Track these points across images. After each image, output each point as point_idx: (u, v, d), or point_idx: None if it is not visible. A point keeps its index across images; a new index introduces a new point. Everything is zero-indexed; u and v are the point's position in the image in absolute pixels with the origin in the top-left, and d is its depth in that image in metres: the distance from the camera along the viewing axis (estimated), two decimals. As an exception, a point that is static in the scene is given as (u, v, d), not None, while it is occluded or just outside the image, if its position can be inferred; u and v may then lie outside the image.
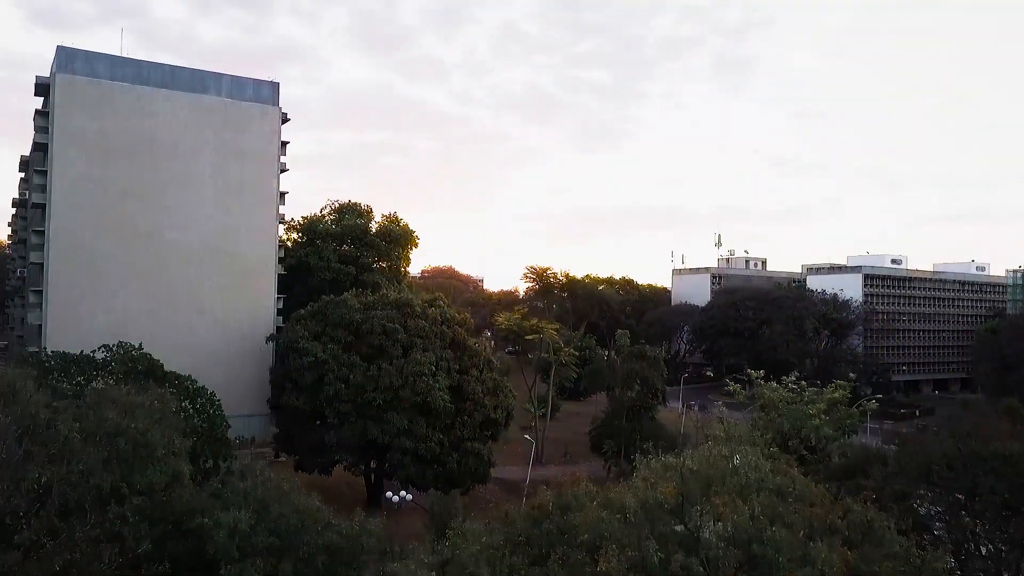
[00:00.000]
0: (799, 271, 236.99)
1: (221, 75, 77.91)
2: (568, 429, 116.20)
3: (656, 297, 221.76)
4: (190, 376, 57.69)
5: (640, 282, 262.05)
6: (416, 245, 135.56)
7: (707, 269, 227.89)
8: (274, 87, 79.90)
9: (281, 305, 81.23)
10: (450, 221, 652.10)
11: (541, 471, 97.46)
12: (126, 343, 58.16)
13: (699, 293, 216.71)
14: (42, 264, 68.77)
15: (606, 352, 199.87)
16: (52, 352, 57.00)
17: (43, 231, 68.88)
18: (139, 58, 76.41)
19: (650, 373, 75.95)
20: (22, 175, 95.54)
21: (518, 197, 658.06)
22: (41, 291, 68.53)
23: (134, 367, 56.32)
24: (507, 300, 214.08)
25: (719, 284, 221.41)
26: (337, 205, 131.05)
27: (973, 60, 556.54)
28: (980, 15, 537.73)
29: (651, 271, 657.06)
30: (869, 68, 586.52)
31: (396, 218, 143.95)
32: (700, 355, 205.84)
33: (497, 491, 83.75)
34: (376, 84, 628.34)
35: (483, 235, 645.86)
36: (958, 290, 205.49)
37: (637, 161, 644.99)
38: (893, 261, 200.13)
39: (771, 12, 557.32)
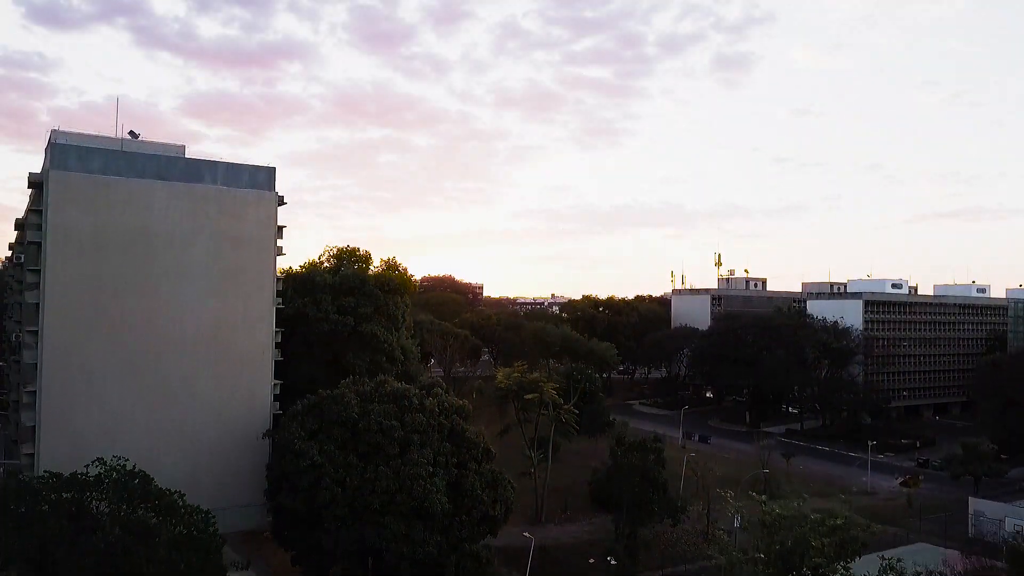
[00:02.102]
0: (799, 290, 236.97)
1: (216, 163, 77.10)
2: (568, 474, 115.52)
3: (656, 318, 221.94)
4: (183, 495, 57.05)
5: (640, 294, 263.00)
6: (415, 289, 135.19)
7: (707, 290, 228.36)
8: (270, 172, 79.07)
9: (278, 391, 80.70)
10: (450, 220, 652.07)
11: (542, 533, 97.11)
12: (120, 460, 57.67)
13: (699, 314, 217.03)
14: (36, 364, 68.22)
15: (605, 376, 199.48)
16: (45, 473, 56.36)
17: (36, 331, 68.31)
18: (135, 151, 75.53)
19: (651, 466, 75.08)
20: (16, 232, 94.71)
21: (518, 195, 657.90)
22: (35, 392, 68.03)
23: (127, 487, 55.98)
24: (507, 321, 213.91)
25: (719, 305, 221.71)
26: (336, 251, 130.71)
27: (973, 57, 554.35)
28: (980, 12, 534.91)
29: (651, 270, 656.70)
30: (869, 65, 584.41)
31: (395, 263, 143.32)
32: (700, 376, 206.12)
33: (497, 564, 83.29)
34: (376, 81, 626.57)
35: (483, 233, 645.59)
36: (958, 313, 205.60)
37: (637, 158, 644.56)
38: (894, 286, 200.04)
39: (772, 8, 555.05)
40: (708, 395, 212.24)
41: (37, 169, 75.31)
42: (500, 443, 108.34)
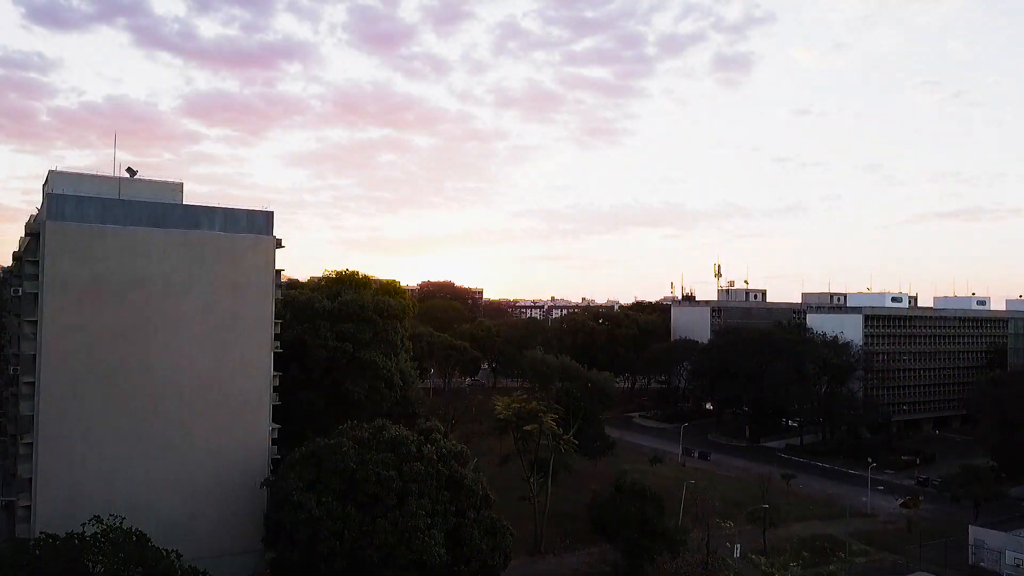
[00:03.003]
0: (798, 300, 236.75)
1: (214, 209, 76.75)
2: (568, 497, 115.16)
3: (655, 329, 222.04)
4: (179, 555, 56.92)
5: (640, 299, 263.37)
6: (413, 313, 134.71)
7: (707, 302, 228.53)
8: (268, 216, 78.64)
9: (276, 435, 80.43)
10: (450, 220, 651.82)
11: (542, 565, 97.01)
12: (116, 518, 57.66)
13: (699, 326, 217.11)
14: (32, 415, 67.96)
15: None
16: (42, 535, 56.22)
17: (33, 382, 68.02)
18: (132, 189, 75.28)
19: (651, 515, 74.88)
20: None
21: (518, 195, 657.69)
22: (32, 443, 67.81)
23: (123, 549, 55.85)
24: (508, 334, 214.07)
25: (719, 317, 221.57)
26: (334, 275, 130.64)
27: (973, 57, 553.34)
28: (980, 12, 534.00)
29: (650, 271, 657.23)
30: (869, 65, 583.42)
31: (395, 285, 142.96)
32: (700, 389, 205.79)
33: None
34: (375, 81, 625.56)
35: (483, 233, 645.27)
36: (958, 327, 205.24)
37: (637, 158, 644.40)
38: (893, 299, 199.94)
39: (772, 8, 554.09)
40: (708, 407, 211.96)
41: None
42: (499, 464, 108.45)
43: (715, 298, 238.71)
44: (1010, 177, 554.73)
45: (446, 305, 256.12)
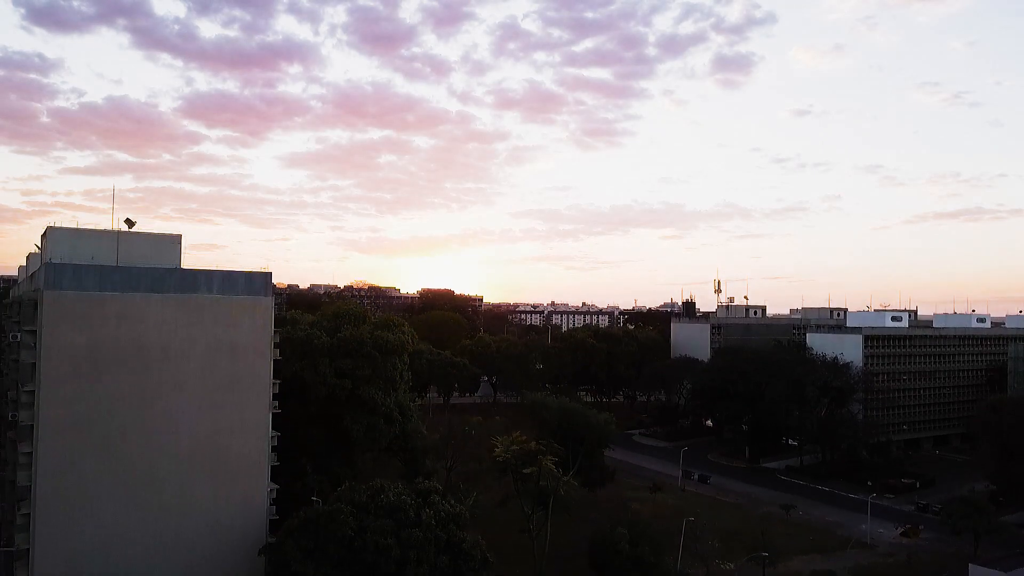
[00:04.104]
0: (799, 308, 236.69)
1: (212, 272, 76.48)
2: (568, 528, 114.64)
3: (655, 346, 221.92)
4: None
5: (640, 305, 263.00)
6: (412, 349, 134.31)
7: (707, 317, 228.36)
8: (266, 277, 78.35)
9: (275, 495, 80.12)
10: (450, 221, 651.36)
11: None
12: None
13: (699, 343, 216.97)
14: (30, 486, 67.74)
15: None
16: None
17: (31, 452, 67.81)
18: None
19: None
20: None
21: (518, 195, 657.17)
22: (28, 514, 67.60)
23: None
24: (507, 351, 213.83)
25: (719, 333, 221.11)
26: (334, 304, 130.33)
27: (973, 57, 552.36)
28: (980, 12, 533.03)
29: (650, 273, 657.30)
30: (869, 65, 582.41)
31: (393, 319, 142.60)
32: (700, 408, 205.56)
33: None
34: (376, 82, 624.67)
35: (483, 234, 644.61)
36: (958, 345, 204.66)
37: (637, 158, 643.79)
38: (893, 318, 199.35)
39: (772, 9, 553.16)
40: (708, 423, 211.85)
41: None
42: (498, 505, 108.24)
43: (715, 303, 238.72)
44: (1010, 177, 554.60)
45: (446, 317, 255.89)
